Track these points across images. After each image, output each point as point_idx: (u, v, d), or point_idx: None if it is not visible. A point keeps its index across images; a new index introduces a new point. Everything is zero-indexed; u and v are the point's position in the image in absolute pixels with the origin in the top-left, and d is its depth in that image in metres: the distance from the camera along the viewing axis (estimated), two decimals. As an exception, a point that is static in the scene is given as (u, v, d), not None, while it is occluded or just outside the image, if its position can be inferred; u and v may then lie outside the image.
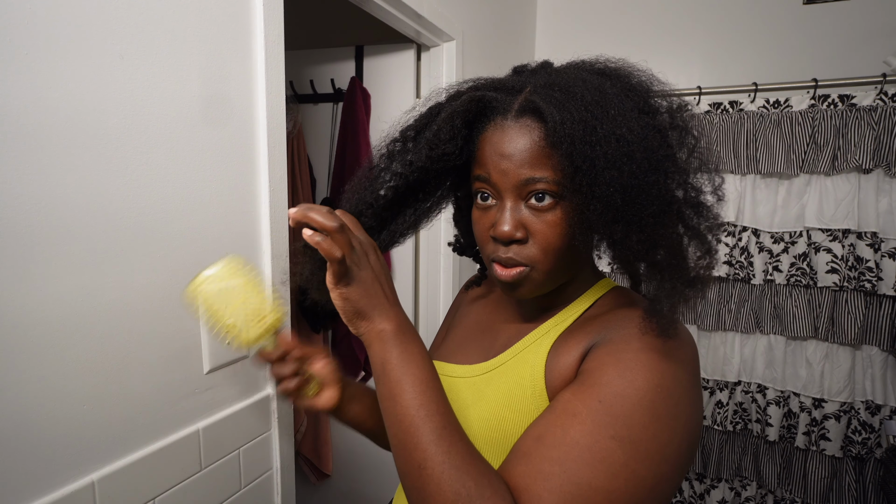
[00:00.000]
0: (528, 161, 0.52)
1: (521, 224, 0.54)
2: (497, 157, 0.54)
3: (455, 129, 0.55)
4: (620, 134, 0.47)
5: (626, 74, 0.56)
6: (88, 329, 0.69)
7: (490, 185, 0.55)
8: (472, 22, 1.74)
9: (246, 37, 0.89)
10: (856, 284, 1.70)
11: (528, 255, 0.54)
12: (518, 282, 0.56)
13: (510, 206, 0.54)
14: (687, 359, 0.52)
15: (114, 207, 0.70)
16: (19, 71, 0.59)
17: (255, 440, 0.97)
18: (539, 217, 0.54)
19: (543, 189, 0.52)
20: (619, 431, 0.46)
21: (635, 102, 0.52)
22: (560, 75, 0.54)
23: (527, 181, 0.53)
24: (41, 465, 0.64)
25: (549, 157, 0.52)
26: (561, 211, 0.53)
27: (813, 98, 1.74)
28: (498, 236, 0.54)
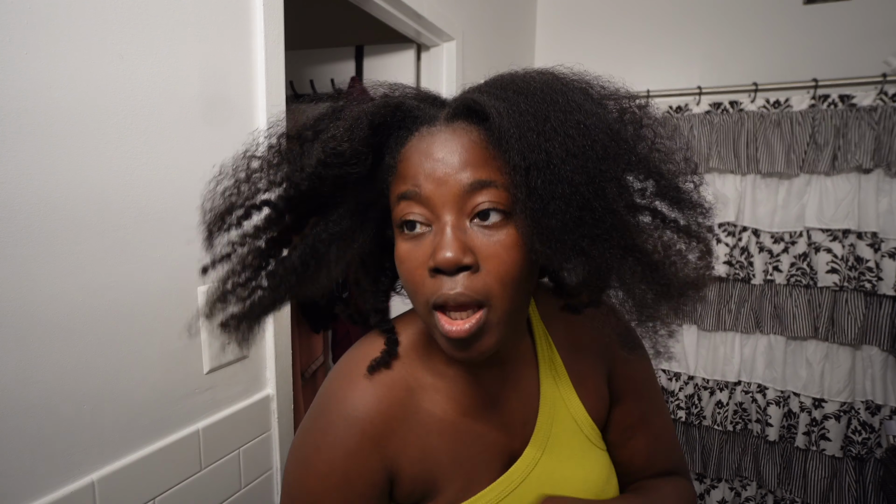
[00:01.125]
0: (470, 162, 0.42)
1: (468, 247, 0.42)
2: (430, 163, 0.43)
3: (357, 130, 0.43)
4: (578, 120, 0.40)
5: (562, 71, 0.48)
6: (89, 329, 0.69)
7: (420, 201, 0.43)
8: (472, 22, 1.73)
9: (246, 37, 0.89)
10: (856, 284, 1.70)
11: (483, 286, 0.42)
12: (475, 333, 0.42)
13: (452, 225, 0.42)
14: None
15: (114, 208, 0.70)
16: (19, 71, 0.59)
17: (255, 440, 0.97)
18: (489, 238, 0.42)
19: (490, 201, 0.42)
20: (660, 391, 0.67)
21: (583, 92, 0.44)
22: (493, 80, 0.46)
23: (471, 186, 0.42)
24: (41, 465, 0.64)
25: (492, 159, 0.42)
26: (514, 229, 0.43)
27: (813, 98, 1.74)
28: (440, 264, 0.41)
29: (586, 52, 2.31)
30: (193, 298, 0.83)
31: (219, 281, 0.50)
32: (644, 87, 2.03)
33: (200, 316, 0.54)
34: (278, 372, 1.01)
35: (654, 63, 2.17)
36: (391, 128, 0.46)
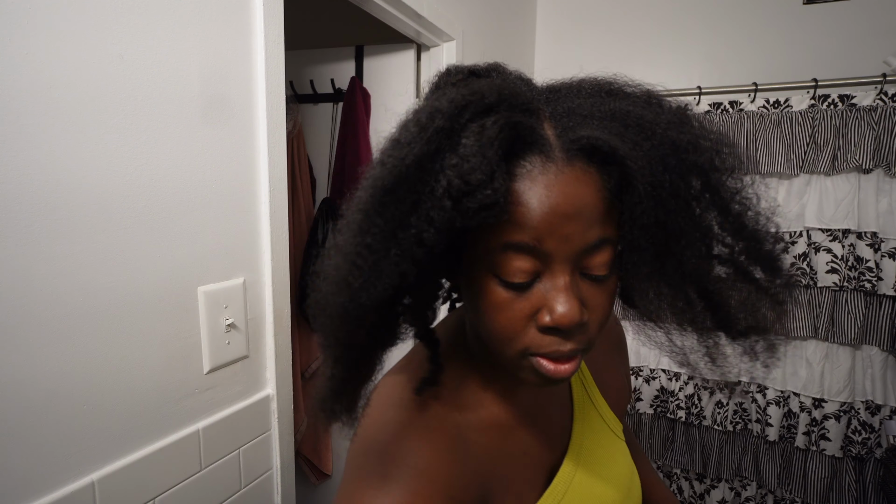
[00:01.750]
0: (595, 219, 0.38)
1: (583, 303, 0.39)
2: (557, 218, 0.36)
3: (492, 166, 0.34)
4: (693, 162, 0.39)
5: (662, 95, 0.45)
6: (89, 329, 0.69)
7: (538, 256, 0.38)
8: (472, 22, 1.74)
9: (246, 37, 0.89)
10: (856, 284, 1.70)
11: (589, 337, 0.41)
12: (573, 372, 0.41)
13: (567, 282, 0.38)
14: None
15: (114, 207, 0.70)
16: (19, 72, 0.59)
17: (255, 440, 0.97)
18: (598, 289, 0.40)
19: (607, 260, 0.39)
20: None
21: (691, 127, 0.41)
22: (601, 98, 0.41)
23: (594, 245, 0.38)
24: (41, 465, 0.64)
25: (612, 211, 0.39)
26: (615, 277, 0.42)
27: (813, 98, 1.74)
28: (560, 324, 0.38)
29: (586, 52, 2.31)
30: (193, 298, 0.83)
31: (334, 385, 0.42)
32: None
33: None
34: (278, 372, 1.01)
35: (654, 63, 2.17)
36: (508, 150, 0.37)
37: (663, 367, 2.04)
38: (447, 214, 0.34)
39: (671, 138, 0.38)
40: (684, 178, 0.38)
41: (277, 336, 1.00)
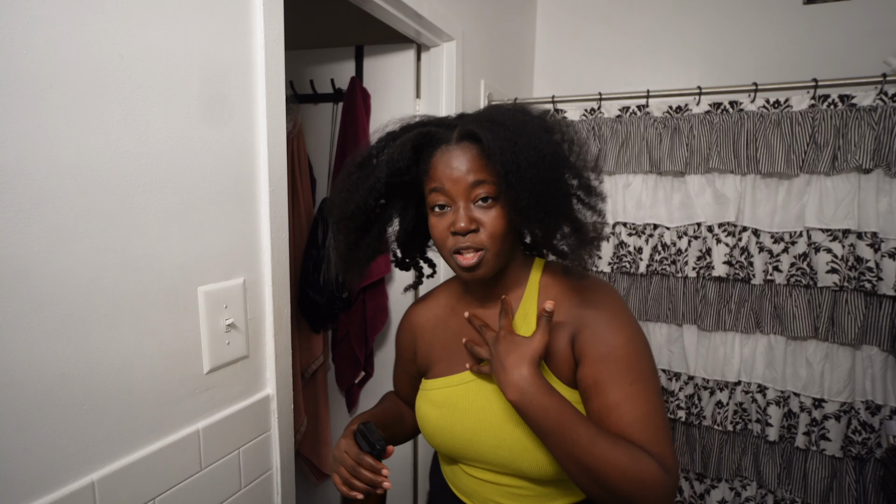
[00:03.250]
0: (472, 170, 0.72)
1: (473, 219, 0.72)
2: (448, 170, 0.72)
3: (405, 152, 0.74)
4: (534, 145, 0.68)
5: (527, 108, 0.77)
6: (88, 329, 0.69)
7: (444, 193, 0.73)
8: (472, 22, 1.74)
9: (246, 37, 0.89)
10: (856, 284, 1.70)
11: (481, 240, 0.72)
12: (477, 264, 0.73)
13: (463, 207, 0.72)
14: (616, 295, 0.79)
15: (114, 207, 0.70)
16: (19, 72, 0.59)
17: (255, 440, 0.97)
18: (485, 213, 0.72)
19: (485, 192, 0.71)
20: (641, 374, 0.72)
21: (539, 124, 0.72)
22: (482, 113, 0.76)
23: (473, 184, 0.71)
24: (41, 465, 0.64)
25: (485, 166, 0.71)
26: (500, 207, 0.72)
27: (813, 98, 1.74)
28: (458, 230, 0.71)
29: (586, 52, 2.31)
30: (193, 298, 0.83)
31: (341, 251, 0.82)
32: (644, 86, 2.03)
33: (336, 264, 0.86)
34: (278, 372, 1.01)
35: (654, 63, 2.17)
36: (423, 146, 0.77)
37: (663, 368, 2.04)
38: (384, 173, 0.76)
39: (519, 128, 0.69)
40: (526, 149, 0.67)
41: (277, 336, 1.00)
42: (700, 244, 1.91)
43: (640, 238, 2.02)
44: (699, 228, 1.92)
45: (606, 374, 0.70)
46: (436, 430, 0.82)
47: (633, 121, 1.98)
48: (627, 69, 2.22)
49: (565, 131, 0.74)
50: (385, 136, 0.80)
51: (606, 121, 2.03)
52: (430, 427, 0.83)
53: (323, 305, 1.80)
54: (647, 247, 2.01)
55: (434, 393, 0.84)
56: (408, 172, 0.76)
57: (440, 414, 0.82)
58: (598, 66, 2.28)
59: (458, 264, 0.74)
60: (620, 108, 2.03)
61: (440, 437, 0.82)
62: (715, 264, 1.88)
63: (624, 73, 2.22)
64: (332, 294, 1.79)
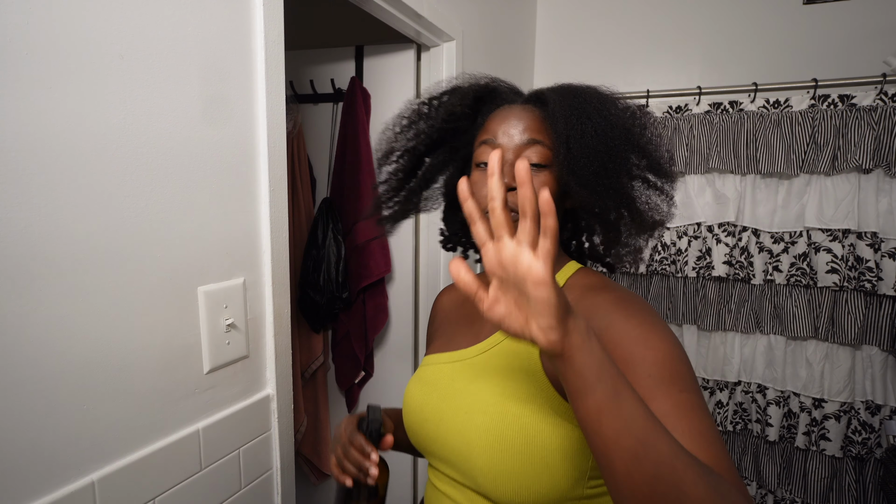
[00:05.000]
0: (530, 128, 0.67)
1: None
2: (505, 124, 0.68)
3: (467, 99, 0.71)
4: (605, 115, 0.64)
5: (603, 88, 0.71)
6: (88, 329, 0.69)
7: (494, 147, 0.67)
8: (472, 22, 1.74)
9: (246, 37, 0.89)
10: (856, 284, 1.70)
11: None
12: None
13: (510, 161, 0.66)
14: (650, 307, 0.64)
15: (113, 207, 0.70)
16: (18, 71, 0.59)
17: (255, 440, 0.97)
18: (534, 176, 0.66)
19: (538, 155, 0.66)
20: (691, 384, 0.55)
21: (612, 101, 0.68)
22: (558, 85, 0.70)
23: (527, 142, 0.66)
24: (41, 465, 0.64)
25: (546, 129, 0.67)
26: (550, 174, 0.67)
27: (813, 98, 1.74)
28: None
29: (586, 51, 2.31)
30: (193, 298, 0.83)
31: (382, 193, 0.79)
32: (644, 86, 2.03)
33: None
34: (278, 372, 1.01)
35: (654, 63, 2.17)
36: (486, 101, 0.74)
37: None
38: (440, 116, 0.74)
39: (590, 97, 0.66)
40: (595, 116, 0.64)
41: (277, 336, 1.00)
42: (700, 244, 1.91)
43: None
44: (699, 228, 1.92)
45: (646, 379, 0.54)
46: (412, 408, 0.74)
47: (633, 121, 1.98)
48: (627, 69, 2.22)
49: (639, 114, 0.69)
50: (451, 87, 0.76)
51: (606, 121, 2.03)
52: (407, 406, 0.76)
53: (323, 305, 1.80)
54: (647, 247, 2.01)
55: (424, 370, 0.78)
56: (463, 119, 0.72)
57: (420, 391, 0.74)
58: (598, 66, 2.28)
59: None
60: (620, 108, 2.03)
61: (413, 417, 0.74)
62: (715, 264, 1.88)
63: (624, 73, 2.22)
64: (332, 294, 1.79)
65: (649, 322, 0.58)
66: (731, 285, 1.91)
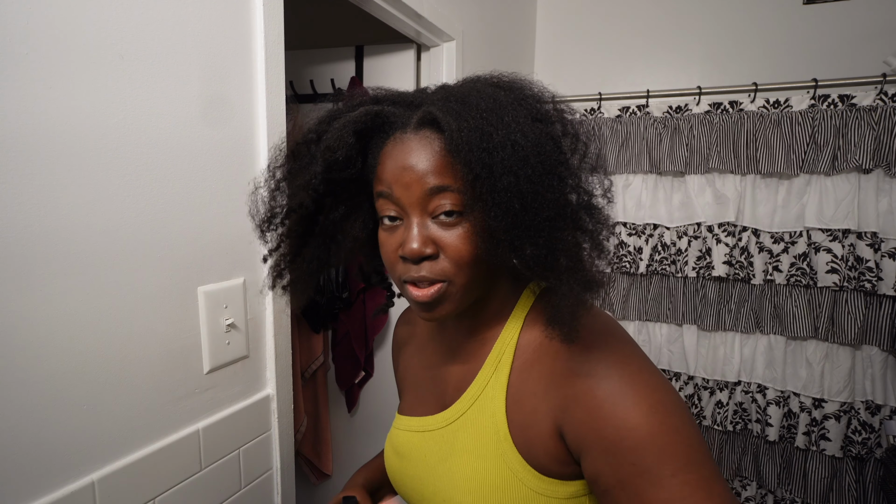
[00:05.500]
0: (431, 170, 0.51)
1: (430, 240, 0.52)
2: (399, 170, 0.52)
3: (344, 139, 0.54)
4: (515, 140, 0.47)
5: (520, 86, 0.54)
6: (89, 329, 0.69)
7: (393, 201, 0.53)
8: (472, 22, 1.74)
9: (246, 37, 0.89)
10: (856, 284, 1.70)
11: (442, 270, 0.52)
12: (437, 300, 0.53)
13: (417, 223, 0.52)
14: (632, 349, 0.54)
15: (113, 207, 0.70)
16: (19, 71, 0.59)
17: (255, 440, 0.97)
18: (448, 231, 0.52)
19: (449, 203, 0.51)
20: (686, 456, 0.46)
21: (529, 111, 0.51)
22: (456, 89, 0.54)
23: (431, 190, 0.51)
24: (41, 465, 0.64)
25: (450, 166, 0.50)
26: (469, 224, 0.52)
27: (813, 98, 1.74)
28: (407, 255, 0.51)
29: (586, 51, 2.31)
30: (193, 298, 0.83)
31: (274, 262, 0.65)
32: (644, 86, 2.03)
33: (265, 287, 0.71)
34: (278, 372, 1.01)
35: (654, 63, 2.17)
36: (372, 131, 0.57)
37: (663, 368, 2.04)
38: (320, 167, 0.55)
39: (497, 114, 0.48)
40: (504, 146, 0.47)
41: (277, 336, 1.00)
42: (700, 244, 1.91)
43: (640, 238, 2.02)
44: (699, 228, 1.92)
45: (630, 468, 0.47)
46: (395, 480, 0.69)
47: (633, 121, 1.98)
48: (627, 69, 2.22)
49: (567, 122, 0.53)
50: (326, 115, 0.59)
51: (606, 121, 2.03)
52: (391, 475, 0.71)
53: (323, 305, 1.80)
54: (647, 247, 2.01)
55: (396, 435, 0.70)
56: (350, 166, 0.56)
57: (399, 463, 0.68)
58: (598, 66, 2.28)
59: (411, 297, 0.54)
60: (620, 108, 2.03)
61: (400, 490, 0.69)
62: (715, 264, 1.88)
63: (624, 73, 2.22)
64: (332, 294, 1.79)
65: (623, 387, 0.49)
66: (731, 285, 1.91)
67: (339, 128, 0.54)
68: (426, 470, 0.63)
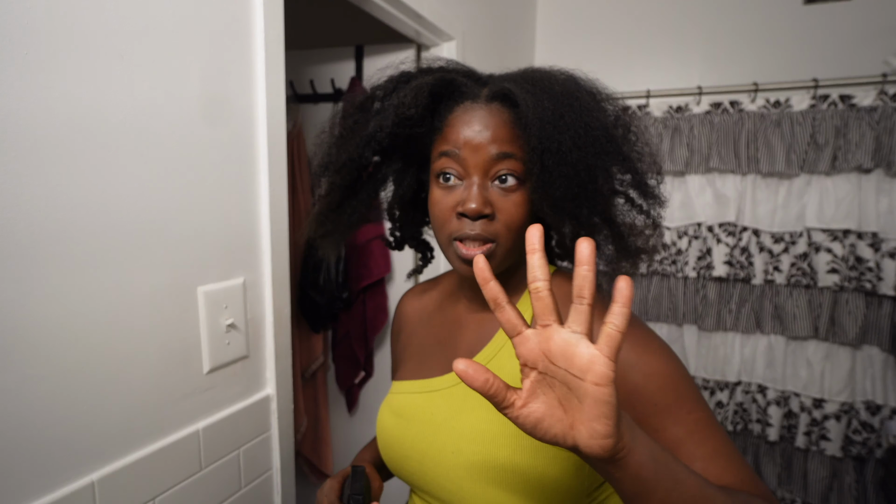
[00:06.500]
0: (499, 138, 0.56)
1: (489, 201, 0.56)
2: (470, 133, 0.57)
3: (420, 98, 0.58)
4: (585, 122, 0.53)
5: (581, 77, 0.60)
6: (89, 329, 0.69)
7: (458, 161, 0.57)
8: (472, 22, 1.73)
9: (246, 37, 0.89)
10: (856, 284, 1.70)
11: (494, 230, 0.57)
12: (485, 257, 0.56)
13: (478, 184, 0.56)
14: (640, 320, 0.60)
15: (113, 207, 0.70)
16: (19, 71, 0.59)
17: (255, 440, 0.97)
18: (505, 196, 0.57)
19: (509, 170, 0.56)
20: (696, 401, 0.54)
21: (595, 98, 0.58)
22: (523, 73, 0.59)
23: (497, 157, 0.56)
24: (41, 465, 0.64)
25: (517, 138, 0.56)
26: (524, 192, 0.57)
27: (813, 98, 1.74)
28: (467, 212, 0.56)
29: (586, 51, 2.31)
30: (193, 298, 0.83)
31: (318, 210, 0.68)
32: (644, 86, 2.03)
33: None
34: (278, 372, 1.01)
35: (654, 63, 2.17)
36: (443, 97, 0.60)
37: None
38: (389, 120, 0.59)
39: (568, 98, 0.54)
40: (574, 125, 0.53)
41: (277, 336, 1.00)
42: (700, 244, 1.91)
43: (641, 238, 2.02)
44: (699, 228, 1.92)
45: (652, 408, 0.53)
46: (388, 443, 0.69)
47: (633, 121, 1.98)
48: (627, 69, 2.22)
49: (621, 114, 0.59)
50: (398, 75, 0.64)
51: (606, 121, 2.03)
52: (383, 439, 0.70)
53: (323, 305, 1.80)
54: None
55: (397, 398, 0.70)
56: (419, 124, 0.60)
57: (396, 424, 0.68)
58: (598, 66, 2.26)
59: (457, 254, 0.58)
60: (620, 108, 2.03)
61: (392, 453, 0.68)
62: (715, 264, 1.88)
63: (624, 73, 2.22)
64: (332, 294, 1.79)
65: (641, 342, 0.55)
66: (731, 285, 1.91)
67: (416, 87, 0.58)
68: (431, 427, 0.64)
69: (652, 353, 0.55)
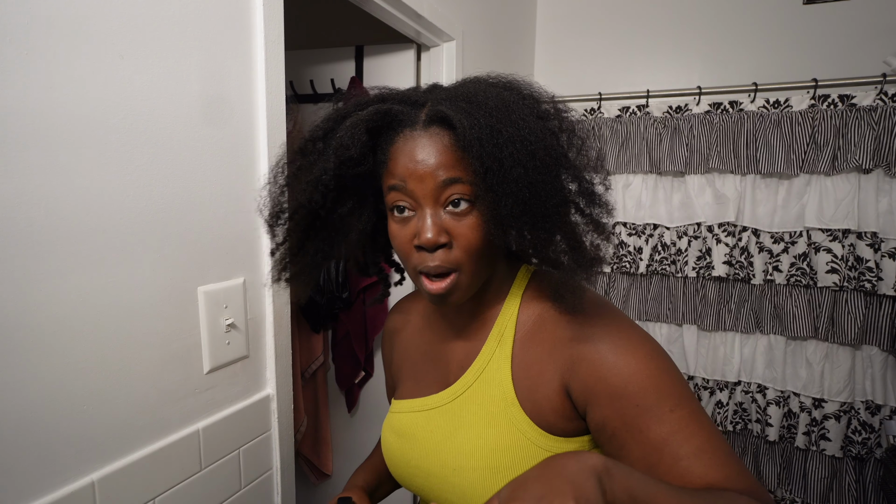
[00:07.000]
0: (443, 164, 0.55)
1: (443, 229, 0.56)
2: (412, 164, 0.56)
3: (357, 137, 0.56)
4: (523, 136, 0.52)
5: (519, 85, 0.59)
6: (89, 329, 0.69)
7: (406, 193, 0.57)
8: (472, 22, 1.74)
9: (246, 37, 0.89)
10: (856, 284, 1.70)
11: (455, 259, 0.57)
12: (450, 291, 0.58)
13: (430, 213, 0.56)
14: (621, 314, 0.61)
15: (113, 207, 0.70)
16: (19, 71, 0.59)
17: (255, 440, 0.97)
18: (459, 221, 0.56)
19: (459, 194, 0.55)
20: (680, 396, 0.54)
21: (532, 109, 0.56)
22: (460, 88, 0.58)
23: (444, 183, 0.55)
24: (41, 465, 0.64)
25: (460, 160, 0.55)
26: (477, 213, 0.56)
27: (813, 98, 1.74)
28: (423, 244, 0.55)
29: (586, 51, 2.31)
30: (193, 298, 0.83)
31: (279, 256, 0.66)
32: (644, 87, 2.03)
33: (268, 280, 0.69)
34: (278, 372, 1.01)
35: (654, 63, 2.17)
36: (381, 129, 0.59)
37: (663, 367, 2.04)
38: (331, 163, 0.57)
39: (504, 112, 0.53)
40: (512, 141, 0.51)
41: (277, 336, 1.00)
42: (700, 244, 1.91)
43: (640, 238, 2.02)
44: (699, 228, 1.92)
45: (635, 409, 0.53)
46: (394, 462, 0.71)
47: (633, 121, 1.98)
48: (627, 69, 2.22)
49: (564, 119, 0.58)
50: (333, 114, 0.62)
51: (606, 121, 2.03)
52: (389, 459, 0.72)
53: (323, 305, 1.80)
54: (647, 247, 2.01)
55: (397, 417, 0.72)
56: (362, 163, 0.58)
57: (399, 444, 0.69)
58: (598, 66, 2.28)
59: (425, 289, 0.59)
60: (620, 108, 2.03)
61: (398, 471, 0.70)
62: (715, 264, 1.89)
63: (624, 73, 2.22)
64: (332, 294, 1.79)
65: (622, 343, 0.56)
66: (731, 285, 1.91)
67: (352, 125, 0.57)
68: (432, 445, 0.65)
69: (631, 354, 0.55)
